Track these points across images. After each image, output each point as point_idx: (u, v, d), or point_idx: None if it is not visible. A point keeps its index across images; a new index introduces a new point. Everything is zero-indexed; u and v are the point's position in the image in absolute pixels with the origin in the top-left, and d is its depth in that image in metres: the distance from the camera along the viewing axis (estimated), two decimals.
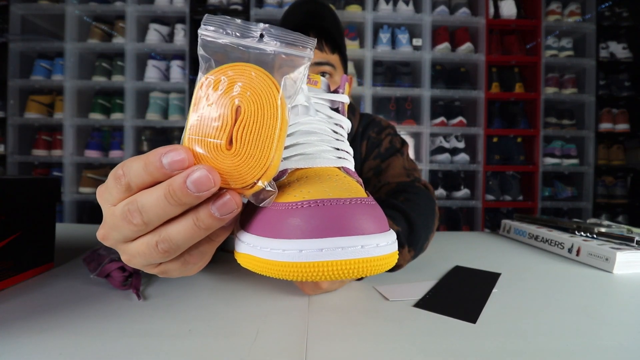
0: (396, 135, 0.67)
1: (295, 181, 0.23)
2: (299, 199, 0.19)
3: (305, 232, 0.17)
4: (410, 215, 0.45)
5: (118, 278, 0.33)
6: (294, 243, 0.18)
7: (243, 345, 0.24)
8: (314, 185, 0.21)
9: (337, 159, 0.27)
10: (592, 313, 0.31)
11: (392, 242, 0.19)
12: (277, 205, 0.20)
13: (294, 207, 0.19)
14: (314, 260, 0.17)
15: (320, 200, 0.18)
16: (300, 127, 0.28)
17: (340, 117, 0.31)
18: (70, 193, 1.81)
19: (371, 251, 0.17)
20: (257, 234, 0.20)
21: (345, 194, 0.20)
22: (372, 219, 0.18)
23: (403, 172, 0.59)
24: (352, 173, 0.27)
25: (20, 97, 1.82)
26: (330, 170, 0.25)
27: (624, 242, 0.49)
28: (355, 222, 0.18)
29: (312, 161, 0.25)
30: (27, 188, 0.38)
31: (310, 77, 0.32)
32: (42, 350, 0.23)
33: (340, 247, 0.17)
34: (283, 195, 0.21)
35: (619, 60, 1.95)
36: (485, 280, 0.40)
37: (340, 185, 0.22)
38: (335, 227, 0.17)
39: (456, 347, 0.25)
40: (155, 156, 0.18)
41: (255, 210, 0.22)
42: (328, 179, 0.23)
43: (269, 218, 0.20)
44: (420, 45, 1.88)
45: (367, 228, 0.18)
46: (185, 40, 1.82)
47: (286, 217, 0.19)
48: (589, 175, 1.95)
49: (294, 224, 0.18)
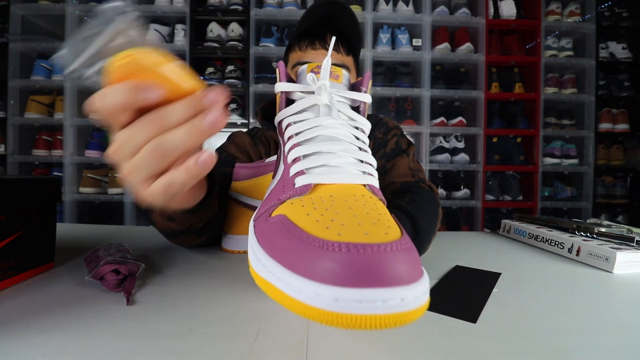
0: (403, 136, 0.67)
1: (321, 201, 0.22)
2: (333, 236, 0.18)
3: (342, 280, 0.16)
4: (416, 218, 0.45)
5: (112, 281, 0.33)
6: (330, 290, 0.16)
7: (243, 345, 0.24)
8: (345, 216, 0.20)
9: (362, 175, 0.26)
10: (592, 313, 0.31)
11: (427, 290, 0.18)
12: (309, 238, 0.18)
13: (330, 249, 0.17)
14: (351, 312, 0.16)
15: (359, 245, 0.17)
16: (322, 131, 0.27)
17: (361, 119, 0.30)
18: (70, 193, 1.81)
19: (410, 304, 0.16)
20: (283, 265, 0.19)
21: (382, 232, 0.19)
22: (410, 267, 0.17)
23: (408, 173, 0.59)
24: (377, 191, 0.26)
25: (20, 97, 1.82)
26: (356, 189, 0.24)
27: (624, 242, 0.49)
28: (396, 272, 0.16)
29: (338, 176, 0.25)
30: (28, 188, 0.38)
31: (332, 70, 0.31)
32: (42, 350, 0.23)
33: (381, 300, 0.16)
34: (312, 222, 0.20)
35: (619, 60, 1.95)
36: (485, 280, 0.40)
37: (372, 214, 0.21)
38: (375, 278, 0.16)
39: (456, 347, 0.25)
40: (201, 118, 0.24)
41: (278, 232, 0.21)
42: (356, 202, 0.22)
43: (300, 251, 0.18)
44: (420, 45, 1.88)
45: (407, 278, 0.17)
46: (185, 41, 1.83)
47: (320, 257, 0.17)
48: (589, 175, 1.95)
49: (329, 267, 0.17)
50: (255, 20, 1.83)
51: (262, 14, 1.83)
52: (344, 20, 0.63)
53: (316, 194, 0.24)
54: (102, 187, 1.88)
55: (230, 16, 1.87)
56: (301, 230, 0.19)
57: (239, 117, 1.88)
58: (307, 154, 0.26)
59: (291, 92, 0.31)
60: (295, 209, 0.22)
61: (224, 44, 1.85)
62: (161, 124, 0.24)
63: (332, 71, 0.30)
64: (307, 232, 0.19)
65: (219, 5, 1.85)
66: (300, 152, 0.26)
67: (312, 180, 0.24)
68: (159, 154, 0.24)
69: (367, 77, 0.32)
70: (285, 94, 0.31)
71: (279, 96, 0.31)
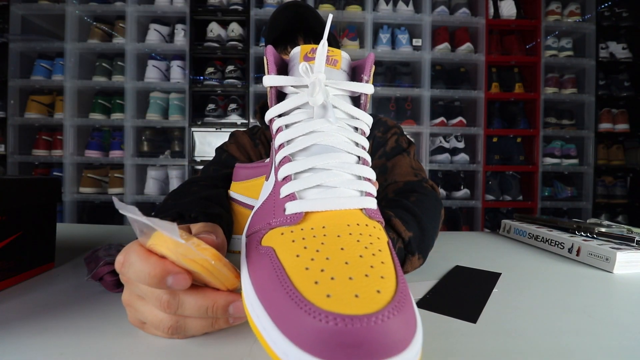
0: (402, 135, 0.66)
1: (312, 237, 0.21)
2: (321, 300, 0.17)
3: (329, 354, 0.16)
4: (422, 220, 0.44)
5: (111, 281, 0.33)
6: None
7: (243, 345, 0.24)
8: (336, 262, 0.19)
9: (359, 196, 0.24)
10: (592, 313, 0.31)
11: (418, 350, 0.17)
12: (296, 296, 0.17)
13: (317, 318, 0.16)
14: None
15: (347, 318, 0.16)
16: (317, 139, 0.24)
17: (362, 115, 0.27)
18: (70, 193, 1.81)
19: None
20: (273, 320, 0.18)
21: (374, 290, 0.17)
22: (402, 332, 0.17)
23: (411, 172, 0.58)
24: (373, 215, 0.24)
25: (20, 97, 1.82)
26: (352, 217, 0.22)
27: (624, 242, 0.49)
28: (385, 345, 0.16)
29: (332, 201, 0.22)
30: (28, 188, 0.38)
31: (329, 54, 0.26)
32: (42, 350, 0.23)
33: None
34: (301, 270, 0.19)
35: (619, 60, 1.95)
36: (485, 280, 0.40)
37: (366, 255, 0.20)
38: (363, 355, 0.15)
39: (456, 347, 0.25)
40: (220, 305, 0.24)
41: (266, 272, 0.20)
42: (350, 238, 0.21)
43: (286, 309, 0.17)
44: (420, 45, 1.88)
45: (398, 347, 0.16)
46: (186, 41, 1.82)
47: (307, 326, 0.16)
48: (589, 175, 1.95)
49: (315, 339, 0.16)
50: (255, 20, 1.83)
51: (262, 14, 1.83)
52: (309, 19, 0.63)
53: (308, 223, 0.22)
54: (102, 187, 1.88)
55: (230, 16, 1.87)
56: (289, 281, 0.18)
57: (239, 117, 1.88)
58: (299, 171, 0.24)
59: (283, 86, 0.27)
60: (285, 244, 0.21)
61: (224, 44, 1.85)
62: (180, 313, 0.23)
63: (328, 55, 0.26)
64: (295, 286, 0.18)
65: (219, 5, 1.85)
66: (292, 169, 0.24)
67: (304, 208, 0.22)
68: (174, 330, 0.24)
69: (370, 62, 0.28)
70: (275, 87, 0.27)
71: (269, 90, 0.28)
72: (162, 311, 0.23)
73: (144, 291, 0.23)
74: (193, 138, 1.89)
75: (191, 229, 0.28)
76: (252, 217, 0.27)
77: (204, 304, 0.23)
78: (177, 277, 0.21)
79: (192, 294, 0.23)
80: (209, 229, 0.27)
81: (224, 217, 0.42)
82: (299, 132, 0.25)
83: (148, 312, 0.24)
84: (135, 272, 0.22)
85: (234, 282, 0.24)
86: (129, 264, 0.22)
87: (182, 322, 0.24)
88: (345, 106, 0.26)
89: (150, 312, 0.24)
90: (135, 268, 0.22)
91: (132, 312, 0.25)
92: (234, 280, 0.24)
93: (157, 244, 0.22)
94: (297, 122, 0.26)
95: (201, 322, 0.24)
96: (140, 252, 0.22)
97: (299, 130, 0.25)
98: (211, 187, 0.52)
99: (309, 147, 0.24)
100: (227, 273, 0.23)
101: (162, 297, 0.22)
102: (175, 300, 0.23)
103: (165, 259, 0.22)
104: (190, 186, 0.52)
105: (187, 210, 0.39)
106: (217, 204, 0.44)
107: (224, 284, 0.23)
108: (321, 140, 0.24)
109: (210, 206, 0.42)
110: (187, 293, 0.23)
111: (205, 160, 1.86)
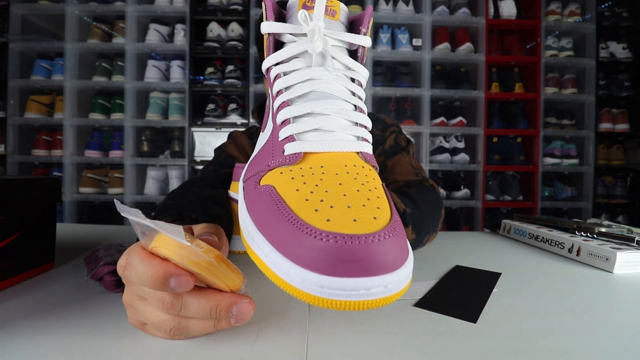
0: (401, 134, 0.66)
1: (311, 174, 0.21)
2: (322, 223, 0.18)
3: (328, 269, 0.17)
4: (420, 204, 0.46)
5: (110, 282, 0.33)
6: (316, 277, 0.17)
7: (244, 345, 0.24)
8: (335, 195, 0.20)
9: (356, 141, 0.24)
10: (592, 313, 0.31)
11: (410, 271, 0.19)
12: (297, 221, 0.18)
13: (317, 237, 0.17)
14: (335, 299, 0.17)
15: (347, 237, 0.17)
16: (315, 86, 0.24)
17: (359, 67, 0.27)
18: (70, 193, 1.81)
19: (393, 289, 0.17)
20: (271, 243, 0.19)
21: (370, 217, 0.18)
22: (397, 253, 0.18)
23: (411, 171, 0.58)
24: (369, 159, 0.25)
25: (20, 97, 1.82)
26: (349, 158, 0.23)
27: (624, 242, 0.49)
28: (381, 262, 0.17)
29: (330, 143, 0.23)
30: (28, 188, 0.38)
31: (329, 3, 0.26)
32: (42, 350, 0.23)
33: (364, 289, 0.17)
34: (301, 201, 0.19)
35: (619, 60, 1.95)
36: (485, 280, 0.40)
37: (363, 190, 0.20)
38: (360, 269, 0.17)
39: (457, 347, 0.25)
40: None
41: (267, 206, 0.21)
42: (347, 176, 0.21)
43: (288, 234, 0.18)
44: (420, 45, 1.88)
45: (392, 265, 0.17)
46: (185, 41, 1.82)
47: (308, 246, 0.17)
48: (589, 175, 1.95)
49: (316, 257, 0.17)
50: (255, 20, 1.83)
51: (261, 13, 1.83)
52: None
53: (306, 163, 0.22)
54: (102, 187, 1.88)
55: (230, 16, 1.87)
56: (290, 210, 0.19)
57: (239, 117, 1.88)
58: (297, 115, 0.24)
59: (280, 34, 0.27)
60: (285, 181, 0.21)
61: (224, 44, 1.85)
62: (183, 314, 0.23)
63: (327, 5, 0.26)
64: (296, 213, 0.19)
65: (219, 5, 1.85)
66: (290, 113, 0.24)
67: (303, 149, 0.23)
68: (176, 331, 0.24)
69: (368, 15, 0.27)
70: (273, 35, 0.27)
71: (266, 38, 0.27)
72: (165, 312, 0.23)
73: (146, 292, 0.23)
74: (193, 138, 1.89)
75: (193, 230, 0.28)
76: (249, 164, 0.27)
77: (207, 305, 0.23)
78: (179, 279, 0.21)
79: (195, 295, 0.23)
80: (211, 230, 0.27)
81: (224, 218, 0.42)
82: (298, 79, 0.25)
83: (149, 313, 0.24)
84: (137, 275, 0.22)
85: (237, 283, 0.24)
86: (131, 266, 0.22)
87: (184, 323, 0.23)
88: (343, 57, 0.26)
89: (152, 313, 0.23)
90: (137, 271, 0.22)
91: (133, 313, 0.25)
92: (237, 281, 0.24)
93: (160, 246, 0.22)
94: (295, 69, 0.26)
95: (204, 323, 0.24)
96: (142, 254, 0.22)
97: (297, 77, 0.25)
98: (211, 187, 0.52)
99: (307, 93, 0.25)
100: (230, 274, 0.23)
101: (165, 299, 0.22)
102: (179, 302, 0.23)
103: (168, 261, 0.22)
104: (190, 186, 0.52)
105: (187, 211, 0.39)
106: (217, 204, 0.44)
107: (227, 285, 0.23)
108: (319, 88, 0.24)
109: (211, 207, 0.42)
110: (190, 294, 0.23)
111: (205, 160, 1.86)
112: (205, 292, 0.23)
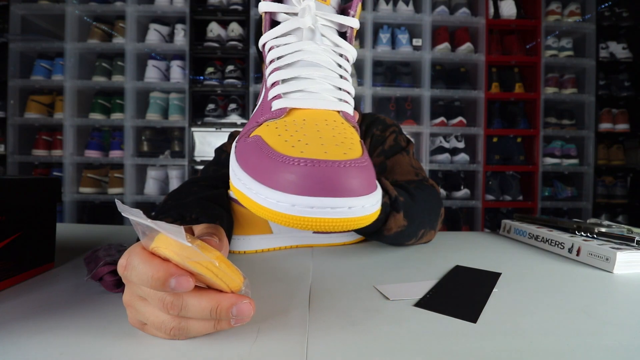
0: (401, 134, 0.66)
1: (293, 124, 0.24)
2: (296, 153, 0.20)
3: (299, 189, 0.19)
4: (415, 196, 0.47)
5: (110, 281, 0.33)
6: (288, 197, 0.19)
7: (243, 345, 0.24)
8: (312, 137, 0.22)
9: (338, 101, 0.27)
10: (592, 313, 0.31)
11: (376, 202, 0.21)
12: (275, 154, 0.21)
13: (291, 163, 0.20)
14: (304, 215, 0.19)
15: (316, 161, 0.19)
16: (303, 56, 0.27)
17: (347, 46, 0.29)
18: (70, 193, 1.81)
19: (356, 212, 0.19)
20: (254, 177, 0.22)
21: (341, 152, 0.21)
22: (362, 181, 0.20)
23: (411, 171, 0.58)
24: (350, 118, 0.27)
25: (20, 97, 1.82)
26: (329, 115, 0.25)
27: (624, 242, 0.49)
28: (346, 185, 0.19)
29: (313, 102, 0.26)
30: (28, 188, 0.38)
31: None
32: (42, 350, 0.23)
33: (330, 207, 0.19)
34: (281, 142, 0.22)
35: (619, 60, 1.95)
36: (485, 280, 0.40)
37: (338, 137, 0.23)
38: (326, 189, 0.19)
39: (457, 347, 0.25)
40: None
41: (252, 150, 0.23)
42: (326, 126, 0.24)
43: (267, 165, 0.21)
44: (420, 45, 1.88)
45: (356, 190, 0.19)
46: (185, 41, 1.83)
47: (282, 171, 0.20)
48: (589, 175, 1.95)
49: (289, 179, 0.19)
50: (255, 20, 1.83)
51: None
52: None
53: (290, 117, 0.25)
54: (102, 187, 1.88)
55: (230, 16, 1.87)
56: (270, 148, 0.22)
57: (239, 117, 1.88)
58: (285, 78, 0.27)
59: (276, 13, 0.29)
60: (269, 130, 0.24)
61: (224, 43, 1.85)
62: (183, 314, 0.23)
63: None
64: (275, 149, 0.21)
65: (219, 5, 1.85)
66: (279, 76, 0.27)
67: (288, 105, 0.25)
68: (176, 331, 0.24)
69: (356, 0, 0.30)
70: (269, 14, 0.29)
71: (263, 17, 0.30)
72: (165, 313, 0.23)
73: (147, 293, 0.23)
74: (193, 138, 1.89)
75: (193, 230, 0.28)
76: (243, 129, 0.29)
77: (208, 305, 0.23)
78: (180, 280, 0.21)
79: (195, 295, 0.23)
80: (211, 231, 0.27)
81: (224, 218, 0.42)
82: (288, 51, 0.28)
83: (150, 313, 0.24)
84: (138, 275, 0.22)
85: (237, 284, 0.24)
86: (131, 267, 0.22)
87: (184, 324, 0.23)
88: (333, 36, 0.29)
89: (152, 313, 0.23)
90: (138, 271, 0.22)
91: (133, 313, 0.25)
92: (237, 281, 0.24)
93: (161, 246, 0.22)
94: (287, 43, 0.29)
95: (204, 324, 0.24)
96: (142, 255, 0.22)
97: (288, 49, 0.28)
98: (211, 188, 0.52)
99: (296, 62, 0.27)
100: (231, 274, 0.23)
101: (165, 299, 0.22)
102: (179, 302, 0.23)
103: (168, 261, 0.22)
104: (190, 186, 0.52)
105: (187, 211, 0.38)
106: (217, 204, 0.44)
107: (227, 285, 0.23)
108: (307, 57, 0.27)
109: (211, 207, 0.42)
110: (190, 295, 0.23)
111: (205, 160, 1.86)
112: (206, 293, 0.23)
